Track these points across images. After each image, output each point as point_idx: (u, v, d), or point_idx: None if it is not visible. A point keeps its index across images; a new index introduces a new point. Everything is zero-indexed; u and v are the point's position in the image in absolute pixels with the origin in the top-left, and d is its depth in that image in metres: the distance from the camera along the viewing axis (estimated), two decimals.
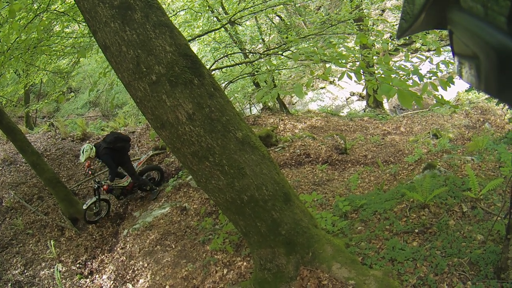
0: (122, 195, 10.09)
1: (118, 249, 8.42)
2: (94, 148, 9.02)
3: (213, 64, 10.64)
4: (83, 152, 8.97)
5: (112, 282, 7.64)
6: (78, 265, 8.63)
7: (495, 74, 0.58)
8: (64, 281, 8.22)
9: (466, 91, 13.47)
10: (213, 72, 11.33)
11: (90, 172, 9.78)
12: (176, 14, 13.23)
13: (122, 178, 9.99)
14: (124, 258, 7.94)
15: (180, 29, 11.73)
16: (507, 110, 11.99)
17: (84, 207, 9.29)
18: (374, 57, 7.44)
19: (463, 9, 0.65)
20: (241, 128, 4.18)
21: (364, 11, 13.68)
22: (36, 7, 8.08)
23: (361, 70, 5.05)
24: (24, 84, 14.43)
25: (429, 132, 13.02)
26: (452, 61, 5.60)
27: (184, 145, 4.02)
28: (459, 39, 0.70)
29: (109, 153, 9.04)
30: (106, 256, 8.65)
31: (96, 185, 9.39)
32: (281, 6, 14.32)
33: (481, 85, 0.64)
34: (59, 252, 8.98)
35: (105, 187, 9.37)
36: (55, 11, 8.74)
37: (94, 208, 9.56)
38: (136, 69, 3.85)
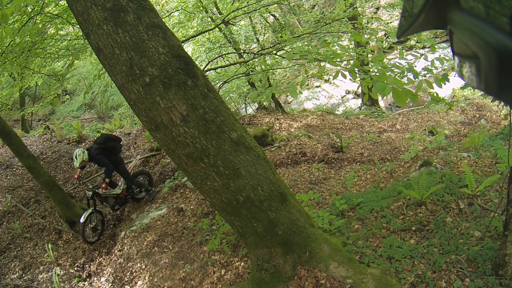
0: (117, 204, 9.75)
1: (116, 251, 8.40)
2: (86, 151, 8.99)
3: (207, 64, 10.63)
4: (76, 157, 8.89)
5: (110, 284, 7.62)
6: (76, 268, 8.61)
7: (495, 74, 0.58)
8: (62, 284, 8.20)
9: (461, 88, 13.48)
10: (207, 73, 11.33)
11: (81, 182, 9.82)
12: (170, 14, 13.23)
13: (114, 187, 9.80)
14: (122, 260, 7.92)
15: (174, 30, 11.76)
16: (503, 106, 12.01)
17: (82, 220, 8.74)
18: (369, 55, 7.45)
19: (463, 9, 0.65)
20: (236, 128, 4.17)
21: (358, 9, 13.70)
22: (30, 10, 8.06)
23: (356, 69, 5.05)
24: (19, 87, 14.39)
25: (425, 129, 13.02)
26: (447, 58, 5.61)
27: (179, 147, 4.01)
28: (459, 39, 0.69)
29: (102, 153, 9.03)
30: (104, 259, 8.62)
31: (91, 192, 9.07)
32: (276, 5, 14.31)
33: (481, 85, 0.63)
34: (57, 256, 8.96)
35: (103, 185, 9.18)
36: (49, 14, 8.73)
37: (91, 222, 9.09)
38: (129, 71, 3.84)
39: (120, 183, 9.89)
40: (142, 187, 10.13)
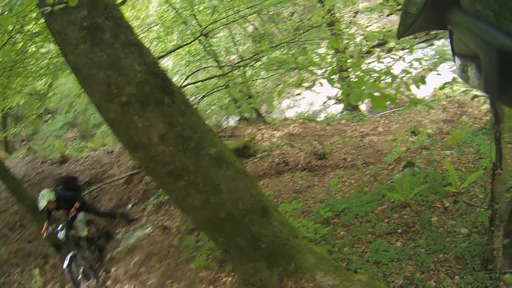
0: (92, 245, 8.82)
1: (103, 273, 8.30)
2: (53, 191, 8.37)
3: (187, 78, 10.62)
4: (42, 197, 8.08)
5: None
6: None
7: (496, 75, 0.58)
8: None
9: (440, 88, 13.55)
10: (188, 87, 11.31)
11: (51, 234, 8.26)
12: (149, 29, 13.19)
13: (78, 230, 8.62)
14: (110, 282, 7.82)
15: (153, 44, 11.69)
16: (484, 101, 12.09)
17: (65, 265, 7.68)
18: (348, 61, 7.49)
19: (463, 9, 0.65)
20: (215, 144, 4.15)
21: (336, 14, 13.76)
22: (10, 29, 7.97)
23: (335, 75, 5.07)
24: (1, 108, 14.20)
25: (407, 130, 13.09)
26: (425, 58, 5.65)
27: (158, 166, 3.98)
28: (459, 39, 0.70)
29: (65, 191, 8.63)
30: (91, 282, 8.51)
31: (63, 231, 7.95)
32: (255, 15, 14.32)
33: (481, 85, 0.64)
34: (44, 281, 8.81)
35: (72, 209, 8.26)
36: (29, 32, 8.64)
37: (77, 266, 7.86)
38: (107, 90, 3.79)
39: (81, 226, 8.69)
40: (116, 215, 10.09)
